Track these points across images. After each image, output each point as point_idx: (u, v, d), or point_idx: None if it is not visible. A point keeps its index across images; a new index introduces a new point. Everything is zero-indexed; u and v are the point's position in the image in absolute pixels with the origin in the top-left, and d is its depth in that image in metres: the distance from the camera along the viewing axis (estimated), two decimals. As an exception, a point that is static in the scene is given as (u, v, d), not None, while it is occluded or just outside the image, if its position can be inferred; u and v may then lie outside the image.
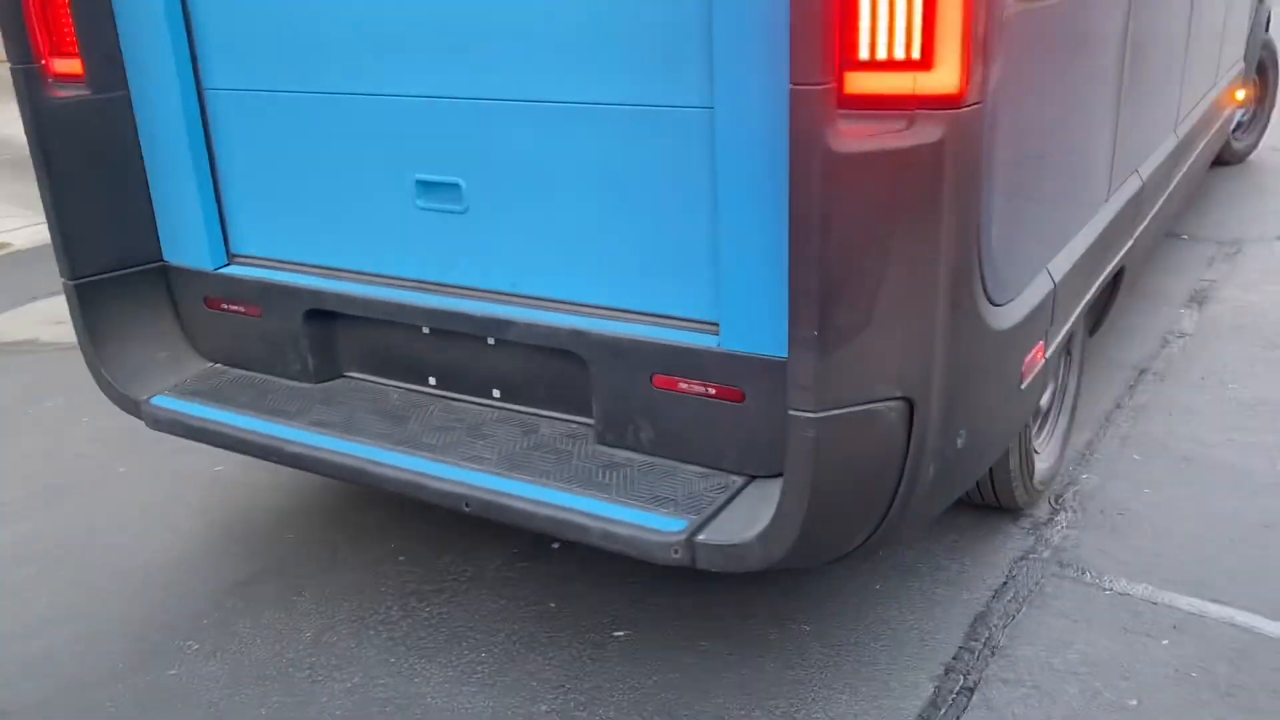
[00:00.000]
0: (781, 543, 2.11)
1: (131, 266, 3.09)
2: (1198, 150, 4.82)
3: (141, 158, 3.03)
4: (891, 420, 2.05)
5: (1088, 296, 3.05)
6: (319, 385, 3.02)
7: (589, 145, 2.39)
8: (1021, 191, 2.33)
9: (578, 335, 2.52)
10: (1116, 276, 3.42)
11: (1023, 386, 2.50)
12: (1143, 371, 4.19)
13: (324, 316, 2.95)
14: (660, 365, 2.42)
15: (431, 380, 2.90)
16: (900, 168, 1.88)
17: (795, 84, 1.81)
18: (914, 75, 1.87)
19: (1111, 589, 2.89)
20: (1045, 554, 3.05)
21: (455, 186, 2.64)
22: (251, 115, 2.91)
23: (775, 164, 2.10)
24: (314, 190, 2.88)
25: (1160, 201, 3.98)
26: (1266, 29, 6.83)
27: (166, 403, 2.99)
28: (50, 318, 5.38)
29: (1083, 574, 2.96)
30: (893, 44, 1.86)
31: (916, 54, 1.86)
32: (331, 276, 2.92)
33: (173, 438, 3.02)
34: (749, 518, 2.23)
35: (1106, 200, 3.18)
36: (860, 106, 1.87)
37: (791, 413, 1.99)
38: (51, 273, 3.19)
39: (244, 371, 3.14)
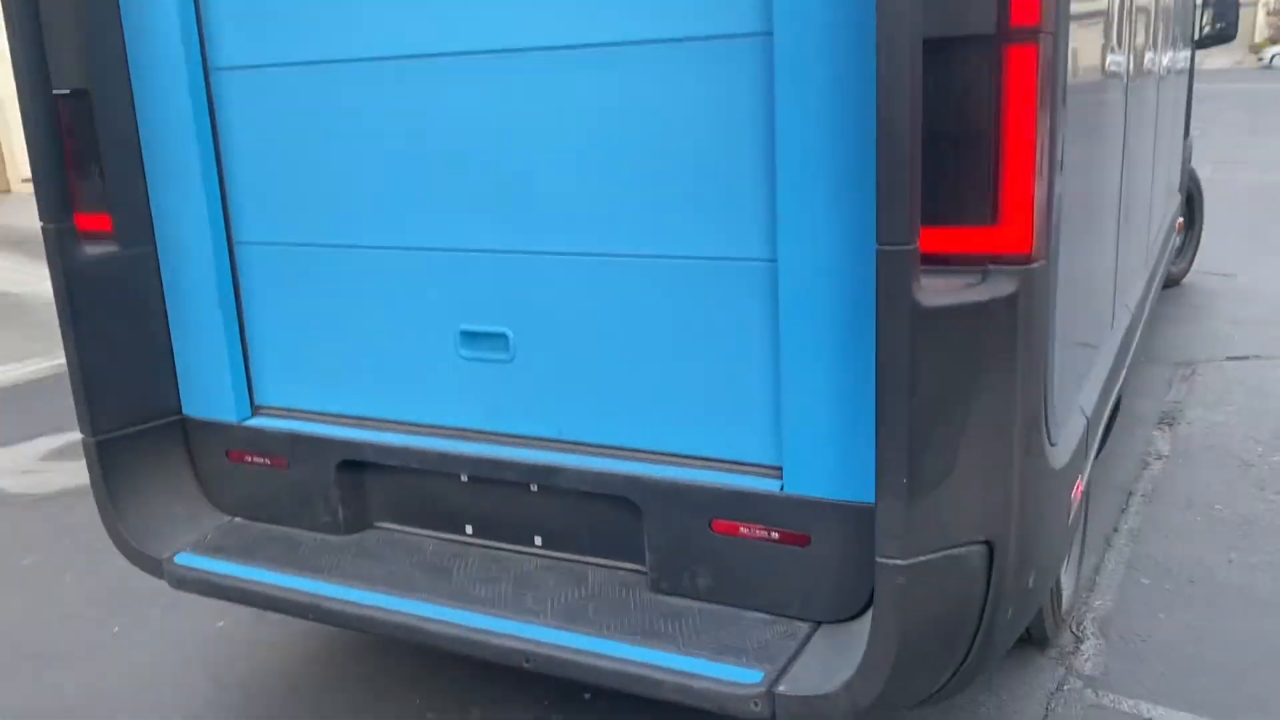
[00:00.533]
0: (868, 691, 2.11)
1: (152, 420, 3.03)
2: (1158, 279, 5.08)
3: (165, 311, 3.01)
4: (974, 564, 2.08)
5: (1102, 427, 3.16)
6: (349, 537, 2.96)
7: (645, 295, 2.45)
8: (1069, 335, 2.44)
9: (631, 481, 2.52)
10: (1116, 404, 3.56)
11: (1070, 521, 2.57)
12: (1130, 494, 4.31)
13: (356, 467, 2.92)
14: (720, 510, 2.43)
15: (468, 529, 2.87)
16: (979, 320, 1.96)
17: (881, 244, 1.89)
18: (986, 232, 1.97)
19: (1148, 717, 2.92)
20: (1079, 684, 3.08)
21: (502, 336, 2.66)
22: (284, 268, 2.92)
23: (840, 313, 2.18)
24: (348, 341, 2.88)
25: (1139, 331, 4.17)
26: (1188, 162, 7.32)
27: (191, 560, 2.90)
28: (17, 467, 5.19)
29: (1119, 703, 2.98)
30: (966, 204, 1.96)
31: (987, 213, 1.96)
32: (365, 426, 2.89)
33: (165, 594, 2.90)
34: (826, 666, 2.22)
35: (1110, 335, 3.33)
36: (940, 263, 1.96)
37: (880, 560, 2.02)
38: (17, 420, 3.11)
39: (267, 525, 3.06)
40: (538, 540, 2.78)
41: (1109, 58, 2.93)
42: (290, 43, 2.74)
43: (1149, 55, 3.99)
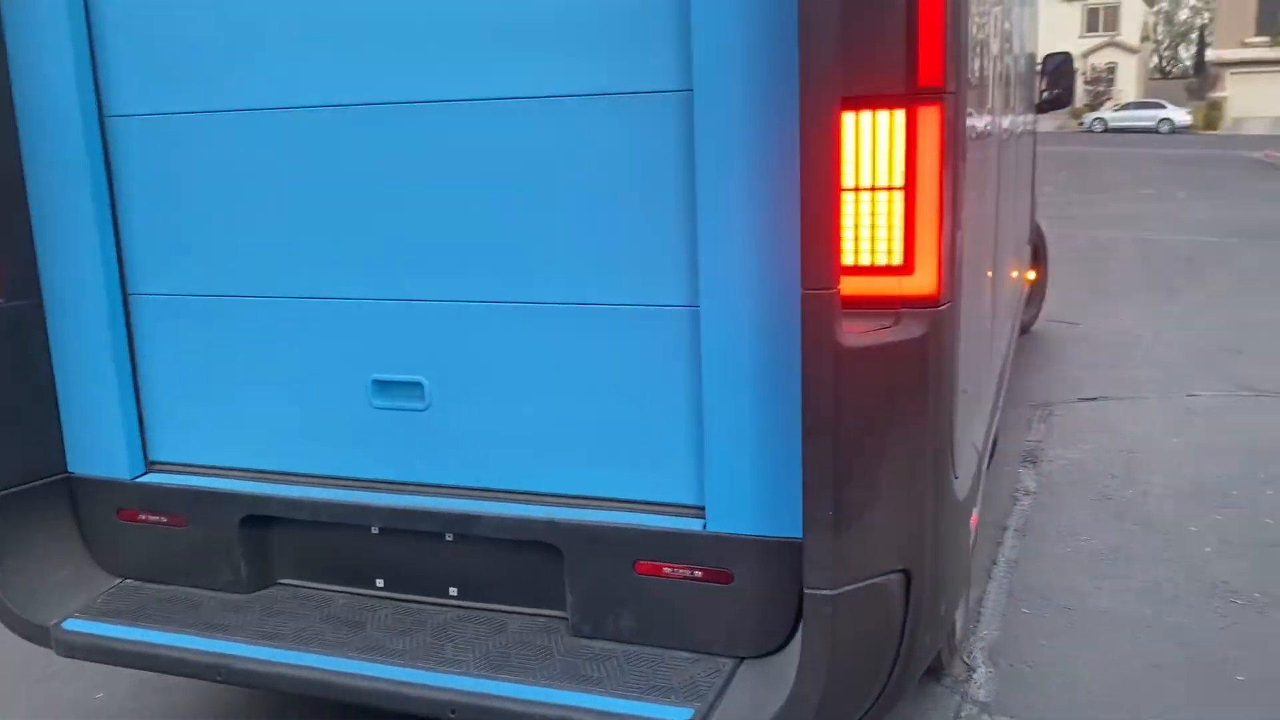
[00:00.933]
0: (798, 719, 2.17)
1: (34, 479, 2.88)
2: (1017, 326, 5.42)
3: (50, 365, 2.88)
4: (894, 592, 2.18)
5: (986, 463, 3.35)
6: (252, 595, 2.86)
7: (567, 342, 2.49)
8: (965, 372, 2.60)
9: (553, 525, 2.54)
10: (994, 443, 3.77)
11: (969, 551, 2.71)
12: (1005, 528, 4.55)
13: (261, 522, 2.83)
14: (643, 551, 2.47)
15: (379, 582, 2.82)
16: (895, 359, 2.08)
17: (806, 289, 1.99)
18: (899, 279, 2.10)
19: (1042, 738, 3.08)
20: (975, 710, 3.22)
21: (417, 385, 2.65)
22: (182, 319, 2.84)
23: (759, 357, 2.27)
24: (252, 393, 2.82)
25: (1008, 373, 4.44)
26: (1034, 215, 7.84)
27: (82, 626, 2.75)
28: None
29: (1014, 727, 3.14)
30: (881, 252, 2.09)
31: (899, 260, 2.10)
32: (271, 480, 2.82)
33: (38, 665, 2.75)
34: (754, 700, 2.27)
35: (990, 376, 3.54)
36: (857, 307, 2.07)
37: (809, 591, 2.09)
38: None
39: (162, 586, 2.94)
40: (453, 591, 2.75)
41: (984, 115, 3.15)
42: (190, 90, 2.69)
43: (1008, 115, 4.30)
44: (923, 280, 2.11)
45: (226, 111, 2.67)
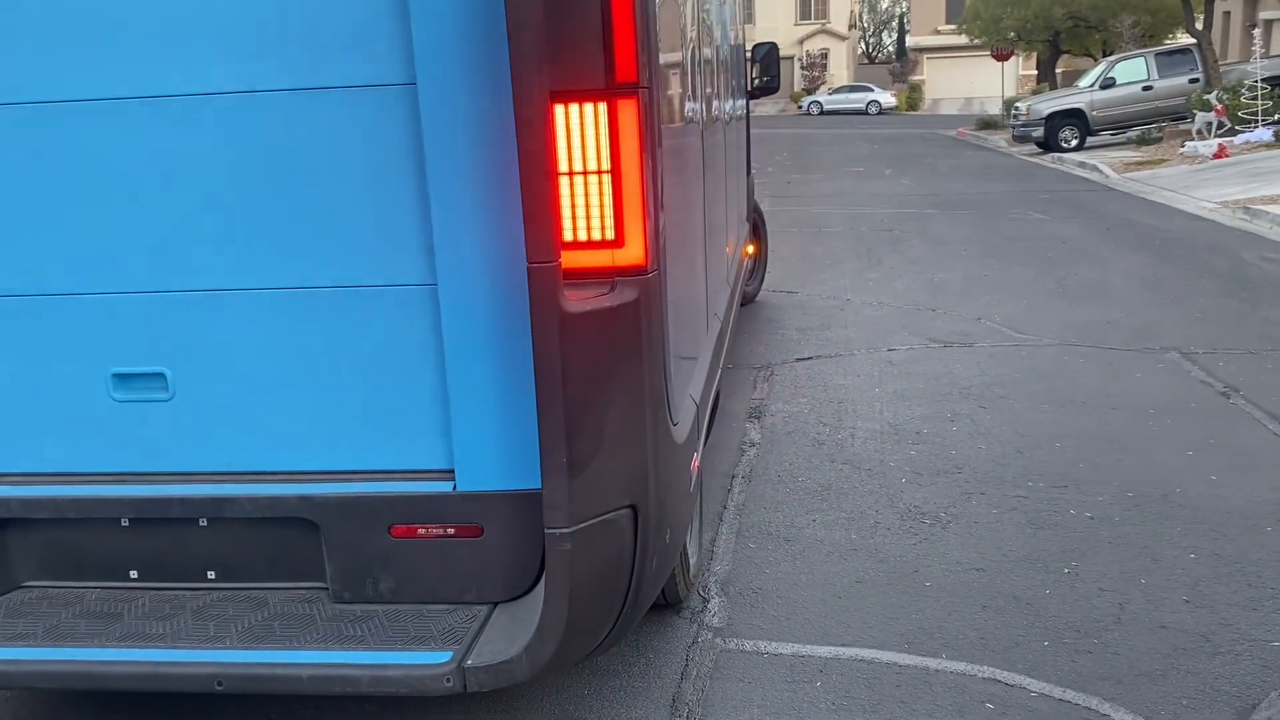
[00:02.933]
0: (545, 651, 2.43)
1: None
2: (737, 296, 5.93)
3: None
4: (623, 525, 2.49)
5: (707, 415, 3.74)
6: (-6, 600, 2.81)
7: (313, 325, 2.62)
8: (679, 335, 2.94)
9: (308, 501, 2.67)
10: (716, 400, 4.19)
11: (691, 489, 3.07)
12: (733, 477, 5.03)
13: (-2, 525, 2.79)
14: (398, 516, 2.65)
15: (133, 573, 2.84)
16: (612, 321, 2.37)
17: (532, 262, 2.25)
18: (612, 252, 2.39)
19: (768, 653, 3.50)
20: (709, 636, 3.61)
21: (159, 376, 2.70)
22: (-105, 322, 2.73)
23: (495, 326, 2.51)
24: (-20, 394, 2.76)
25: (728, 337, 4.90)
26: (752, 194, 8.50)
27: None
28: None
29: (743, 645, 3.55)
30: (595, 229, 2.37)
31: (611, 235, 2.39)
32: (9, 482, 2.78)
33: None
34: (507, 637, 2.52)
35: (707, 338, 3.94)
36: (577, 277, 2.35)
37: (549, 531, 2.36)
38: None
39: (-111, 602, 2.82)
40: (211, 574, 2.82)
41: (688, 103, 3.52)
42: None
43: (716, 102, 4.73)
44: (632, 252, 2.41)
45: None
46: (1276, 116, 19.82)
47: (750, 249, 8.03)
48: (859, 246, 11.60)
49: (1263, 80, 20.00)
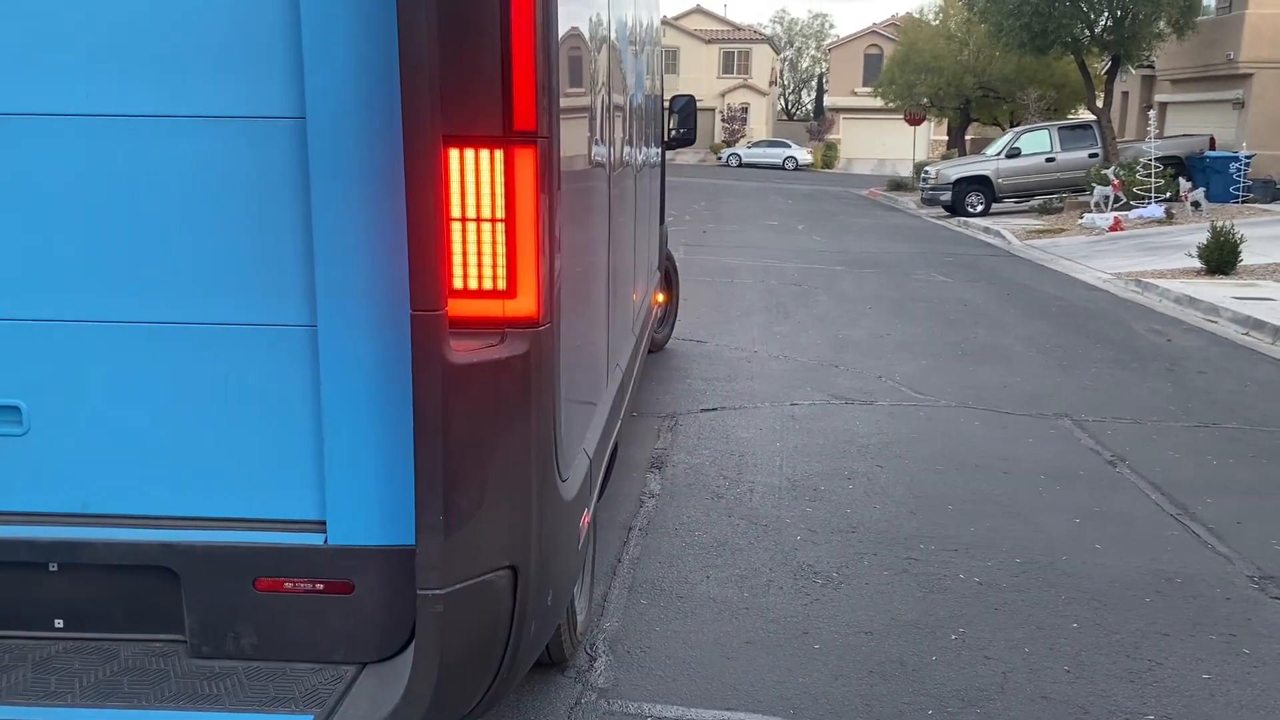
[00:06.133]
0: (412, 717, 2.31)
1: None
2: (644, 344, 5.89)
3: None
4: (501, 587, 2.39)
5: (603, 468, 3.67)
6: None
7: (181, 362, 2.48)
8: (573, 388, 2.87)
9: (169, 549, 2.52)
10: (614, 450, 4.12)
11: (579, 547, 2.98)
12: (630, 529, 4.95)
13: None
14: (264, 568, 2.51)
15: (-30, 620, 2.64)
16: (499, 374, 2.29)
17: (415, 310, 2.16)
18: (503, 302, 2.32)
19: (652, 715, 3.42)
20: (594, 697, 3.51)
21: (14, 409, 2.53)
22: None
23: (376, 374, 2.40)
24: None
25: (631, 387, 4.84)
26: (665, 244, 8.52)
27: None
28: None
29: (627, 707, 3.45)
30: (485, 278, 2.30)
31: (503, 285, 2.31)
32: None
33: None
34: (374, 700, 2.39)
35: (606, 389, 3.87)
36: (465, 327, 2.26)
37: (421, 592, 2.25)
38: None
39: None
40: (59, 623, 2.64)
41: (594, 151, 3.47)
42: None
43: (627, 151, 4.71)
44: (524, 303, 2.33)
45: None
46: (1168, 194, 20.79)
47: (661, 297, 8.03)
48: (769, 299, 11.71)
49: (1156, 159, 20.98)
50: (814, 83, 76.58)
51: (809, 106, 75.91)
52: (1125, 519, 5.24)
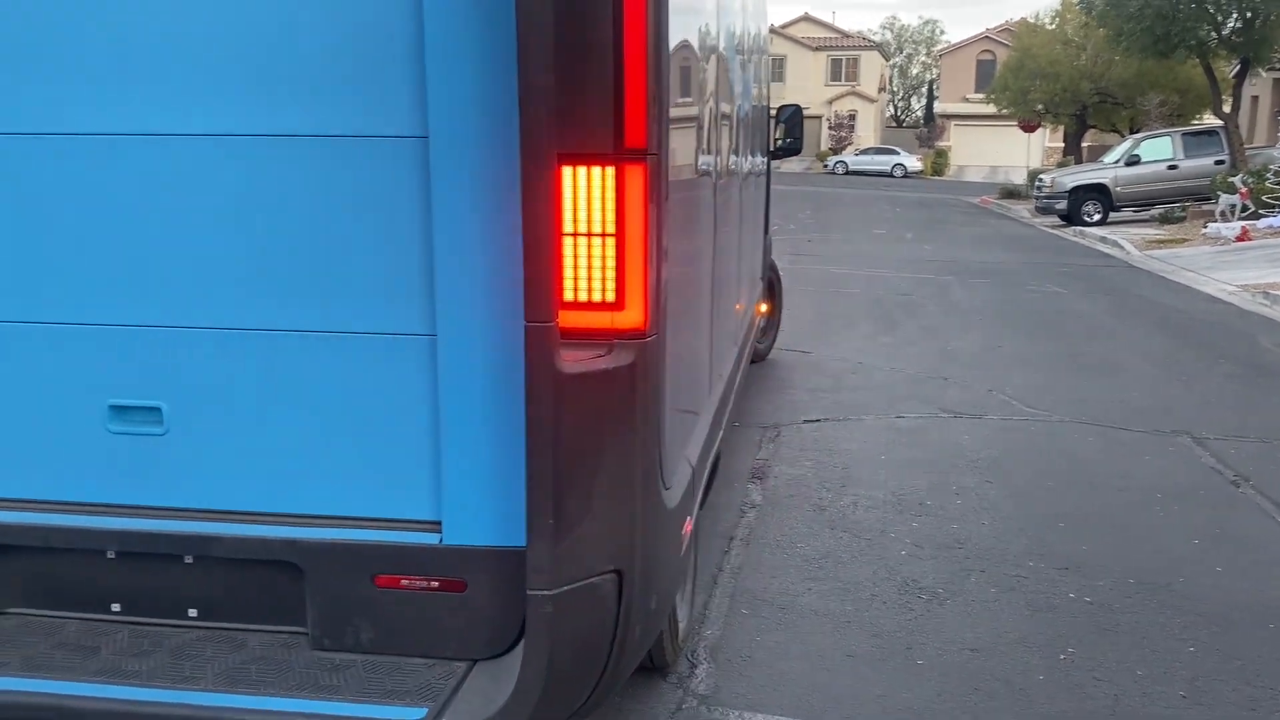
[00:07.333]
0: (521, 714, 2.39)
1: None
2: (747, 354, 5.92)
3: None
4: (607, 590, 2.45)
5: (705, 477, 3.71)
6: (-25, 626, 2.80)
7: (307, 368, 2.62)
8: (677, 397, 2.93)
9: (294, 545, 2.66)
10: (716, 460, 4.16)
11: (681, 553, 3.03)
12: (731, 539, 4.98)
13: (-18, 551, 2.78)
14: (382, 565, 2.63)
15: (115, 607, 2.82)
16: (607, 384, 2.36)
17: (529, 321, 2.24)
18: (611, 314, 2.39)
19: (750, 723, 3.45)
20: (695, 703, 3.55)
21: (155, 410, 2.70)
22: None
23: (491, 381, 2.50)
24: (-24, 418, 2.77)
25: (733, 397, 4.88)
26: (769, 253, 8.52)
27: None
28: None
29: (728, 715, 3.49)
30: (595, 291, 2.37)
31: (612, 298, 2.38)
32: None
33: None
34: (484, 697, 2.48)
35: (709, 399, 3.92)
36: (575, 338, 2.34)
37: (531, 593, 2.33)
38: None
39: None
40: (192, 612, 2.80)
41: (701, 162, 3.52)
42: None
43: (733, 161, 4.75)
44: (632, 315, 2.40)
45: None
46: (1301, 203, 19.83)
47: (764, 307, 8.04)
48: (875, 310, 11.59)
49: (1288, 166, 20.04)
50: (924, 89, 75.31)
51: (918, 113, 74.71)
52: (1248, 542, 5.05)
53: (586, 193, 2.33)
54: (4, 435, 2.76)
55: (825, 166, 51.99)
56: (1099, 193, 23.64)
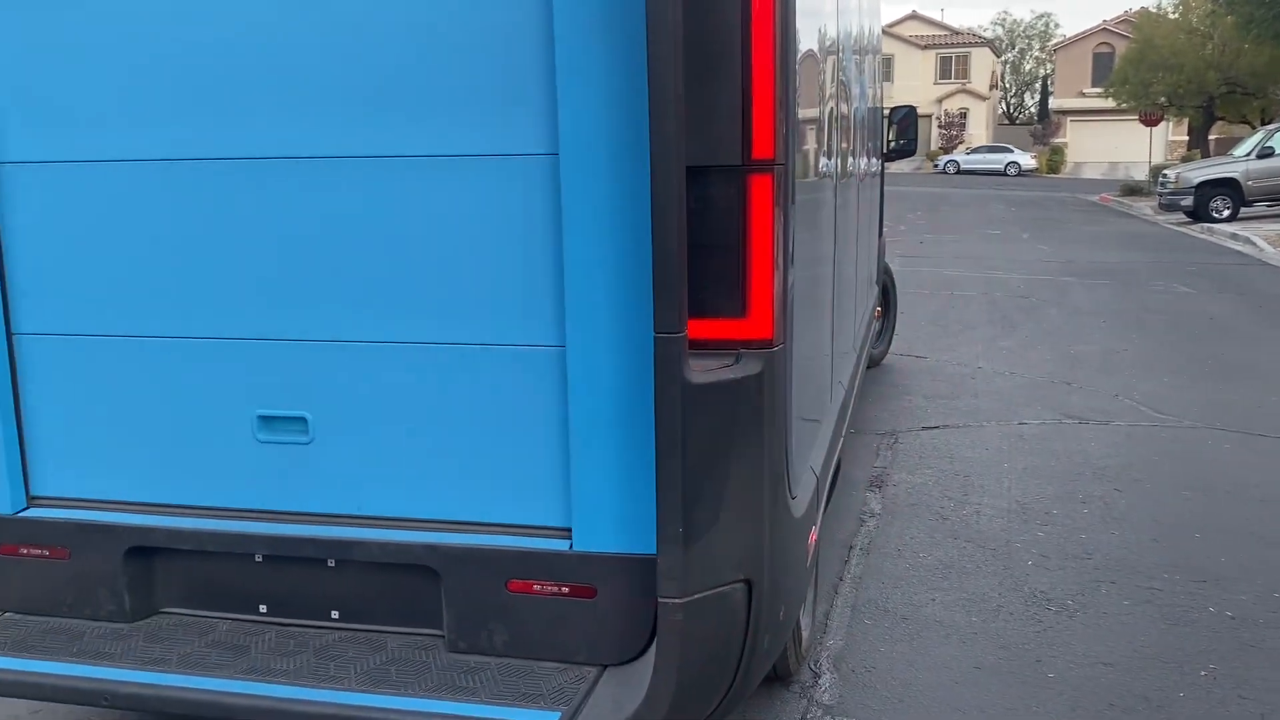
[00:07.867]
0: (653, 719, 2.42)
1: (-91, 516, 2.93)
2: (863, 359, 5.86)
3: (-73, 403, 2.94)
4: (737, 599, 2.47)
5: (828, 486, 3.69)
6: (136, 624, 2.97)
7: (444, 379, 2.71)
8: (802, 406, 2.93)
9: (431, 549, 2.75)
10: (837, 469, 4.13)
11: (807, 564, 3.03)
12: (851, 548, 4.93)
13: (145, 553, 2.95)
14: (515, 570, 2.70)
15: (262, 608, 2.96)
16: (735, 394, 2.38)
17: (658, 332, 2.28)
18: (738, 324, 2.40)
19: (877, 734, 3.41)
20: (819, 713, 3.54)
21: (301, 420, 2.83)
22: (67, 358, 2.95)
23: (619, 392, 2.54)
24: (138, 429, 2.94)
25: (852, 404, 4.84)
26: (883, 256, 8.40)
27: (-38, 660, 2.80)
28: None
29: (853, 725, 3.46)
30: (722, 301, 2.39)
31: (740, 308, 2.40)
32: (156, 512, 2.94)
33: None
34: (616, 702, 2.52)
35: (830, 406, 3.90)
36: (703, 348, 2.37)
37: (662, 600, 2.36)
38: None
39: (43, 618, 3.01)
40: (335, 614, 2.92)
41: (821, 167, 3.51)
42: (76, 140, 2.82)
43: (850, 164, 4.72)
44: (759, 325, 2.41)
45: (110, 161, 2.81)
46: None
47: (878, 311, 7.93)
48: (992, 313, 11.31)
49: None
50: (1038, 85, 73.17)
51: (1032, 110, 72.61)
52: (1405, 555, 4.77)
53: (714, 204, 2.35)
54: (161, 445, 2.92)
55: (935, 166, 50.95)
56: (1229, 187, 22.58)
